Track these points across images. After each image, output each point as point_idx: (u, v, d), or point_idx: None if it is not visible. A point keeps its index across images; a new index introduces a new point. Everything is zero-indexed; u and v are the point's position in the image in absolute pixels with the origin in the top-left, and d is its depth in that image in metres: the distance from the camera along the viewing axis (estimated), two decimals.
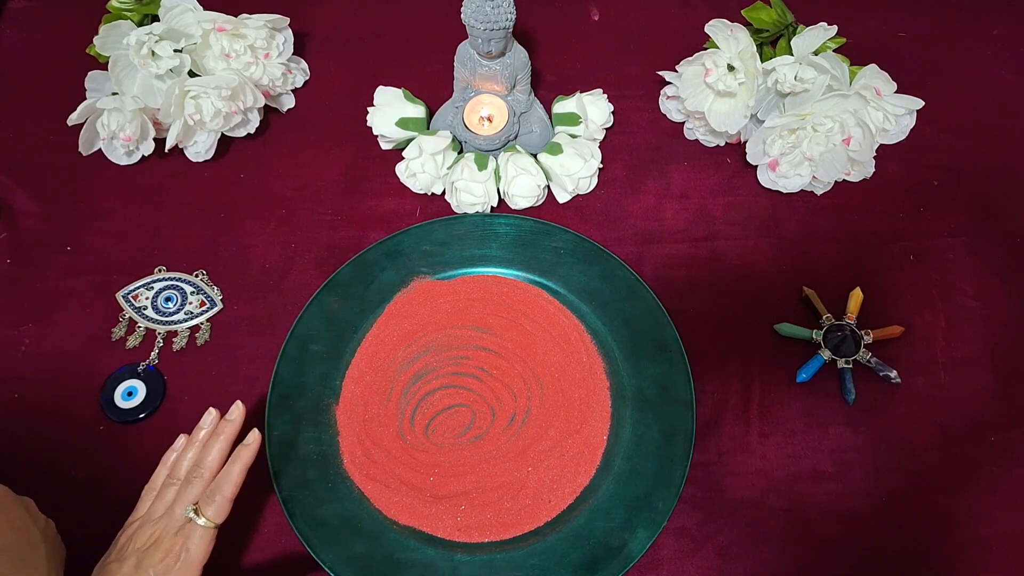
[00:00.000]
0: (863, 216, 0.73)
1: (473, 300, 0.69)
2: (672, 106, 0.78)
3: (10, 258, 0.72)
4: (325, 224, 0.74)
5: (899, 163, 0.75)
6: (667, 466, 0.62)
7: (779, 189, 0.73)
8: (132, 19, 0.75)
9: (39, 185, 0.76)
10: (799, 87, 0.67)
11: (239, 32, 0.73)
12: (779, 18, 0.75)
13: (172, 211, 0.75)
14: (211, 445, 0.56)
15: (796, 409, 0.65)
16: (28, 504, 0.55)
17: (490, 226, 0.71)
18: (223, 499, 0.54)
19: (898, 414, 0.65)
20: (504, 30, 0.66)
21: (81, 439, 0.65)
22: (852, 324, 0.67)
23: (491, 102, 0.73)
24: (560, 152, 0.72)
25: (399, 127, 0.74)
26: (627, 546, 0.59)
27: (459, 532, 0.61)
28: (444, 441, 0.64)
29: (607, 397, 0.65)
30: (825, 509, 0.62)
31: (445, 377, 0.66)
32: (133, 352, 0.68)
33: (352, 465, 0.63)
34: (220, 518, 0.54)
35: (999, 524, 0.61)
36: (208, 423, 0.59)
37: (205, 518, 0.53)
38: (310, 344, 0.67)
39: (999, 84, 0.80)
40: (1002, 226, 0.72)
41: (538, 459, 0.63)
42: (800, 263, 0.71)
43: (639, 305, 0.67)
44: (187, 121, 0.71)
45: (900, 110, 0.72)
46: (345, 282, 0.69)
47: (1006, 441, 0.64)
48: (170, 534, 0.53)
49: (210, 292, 0.70)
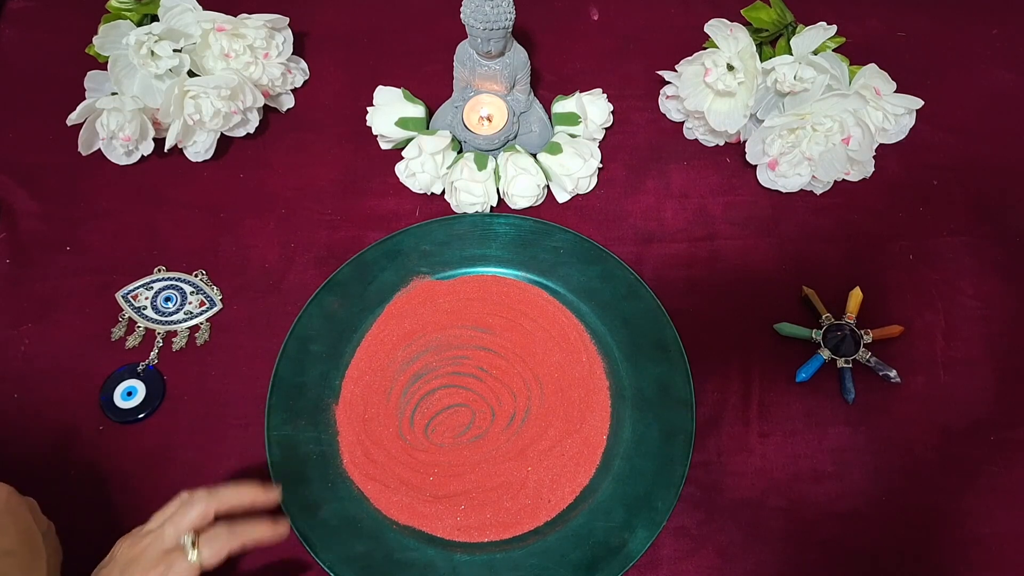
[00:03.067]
0: (863, 216, 0.73)
1: (473, 300, 0.69)
2: (672, 106, 0.78)
3: (10, 258, 0.72)
4: (325, 224, 0.74)
5: (899, 163, 0.75)
6: (667, 466, 0.62)
7: (779, 189, 0.73)
8: (132, 19, 0.75)
9: (39, 185, 0.76)
10: (799, 87, 0.67)
11: (238, 32, 0.73)
12: (779, 18, 0.75)
13: (172, 211, 0.75)
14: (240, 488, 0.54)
15: (796, 409, 0.65)
16: (33, 506, 0.54)
17: (490, 226, 0.71)
18: (226, 546, 0.51)
19: (898, 414, 0.65)
20: (504, 30, 0.66)
21: (81, 439, 0.65)
22: (852, 324, 0.67)
23: (491, 102, 0.73)
24: (560, 152, 0.72)
25: (399, 127, 0.74)
26: (627, 546, 0.59)
27: (459, 532, 0.61)
28: (444, 441, 0.64)
29: (607, 397, 0.65)
30: (825, 509, 0.62)
31: (445, 377, 0.66)
32: (133, 352, 0.68)
33: (352, 465, 0.63)
34: (212, 562, 0.50)
35: (999, 524, 0.61)
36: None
37: (198, 554, 0.50)
38: (310, 344, 0.67)
39: (999, 84, 0.80)
40: (1002, 226, 0.72)
41: (538, 459, 0.63)
42: (800, 263, 0.71)
43: (639, 305, 0.67)
44: (187, 121, 0.71)
45: (900, 110, 0.72)
46: (345, 282, 0.69)
47: (1006, 441, 0.64)
48: (154, 553, 0.50)
49: (210, 292, 0.70)
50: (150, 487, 0.63)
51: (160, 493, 0.62)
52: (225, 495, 0.53)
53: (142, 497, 0.62)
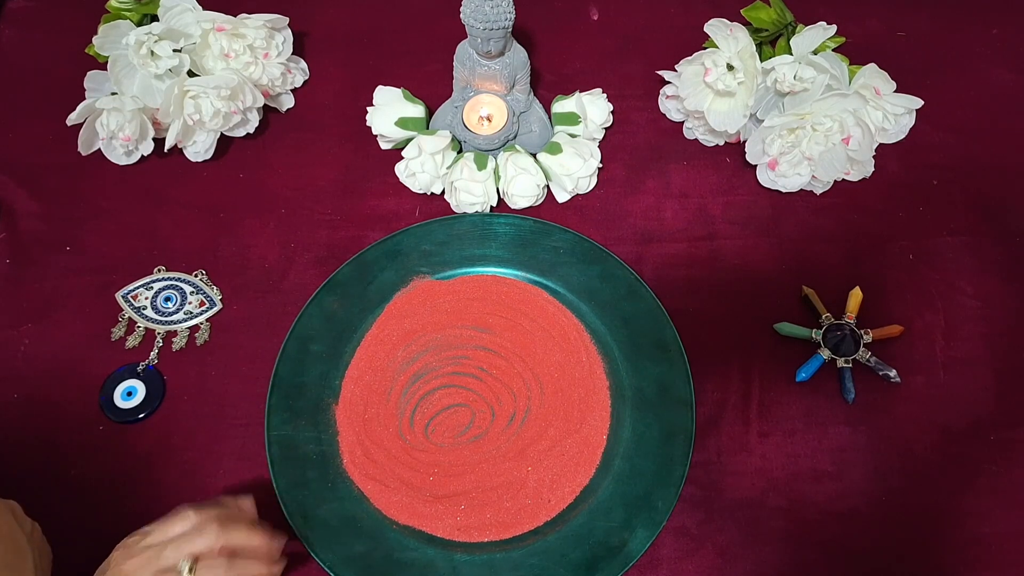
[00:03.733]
0: (863, 216, 0.73)
1: (473, 300, 0.69)
2: (671, 105, 0.78)
3: (10, 258, 0.72)
4: (325, 224, 0.74)
5: (899, 163, 0.75)
6: (667, 465, 0.62)
7: (779, 188, 0.73)
8: (131, 19, 0.75)
9: (39, 185, 0.76)
10: (798, 86, 0.67)
11: (238, 32, 0.73)
12: (778, 17, 0.75)
13: (172, 211, 0.75)
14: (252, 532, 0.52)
15: (796, 408, 0.65)
16: (14, 508, 0.54)
17: (489, 226, 0.71)
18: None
19: (898, 414, 0.65)
20: (503, 30, 0.66)
21: (81, 439, 0.65)
22: (852, 323, 0.67)
23: (490, 102, 0.73)
24: (559, 152, 0.72)
25: (398, 127, 0.74)
26: (627, 545, 0.59)
27: (459, 532, 0.61)
28: (444, 441, 0.64)
29: (607, 396, 0.65)
30: (825, 508, 0.62)
31: (445, 377, 0.66)
32: (133, 352, 0.68)
33: (352, 465, 0.63)
34: None
35: (999, 524, 0.61)
36: None
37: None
38: (310, 344, 0.67)
39: (999, 84, 0.80)
40: (1002, 226, 0.72)
41: (538, 459, 0.63)
42: (800, 262, 0.71)
43: (639, 305, 0.67)
44: (186, 121, 0.71)
45: (899, 109, 0.72)
46: (345, 282, 0.69)
47: (1006, 441, 0.64)
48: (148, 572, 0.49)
49: (210, 292, 0.70)
50: (150, 487, 0.63)
51: (160, 493, 0.62)
52: (236, 536, 0.51)
53: (142, 497, 0.62)
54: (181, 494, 0.62)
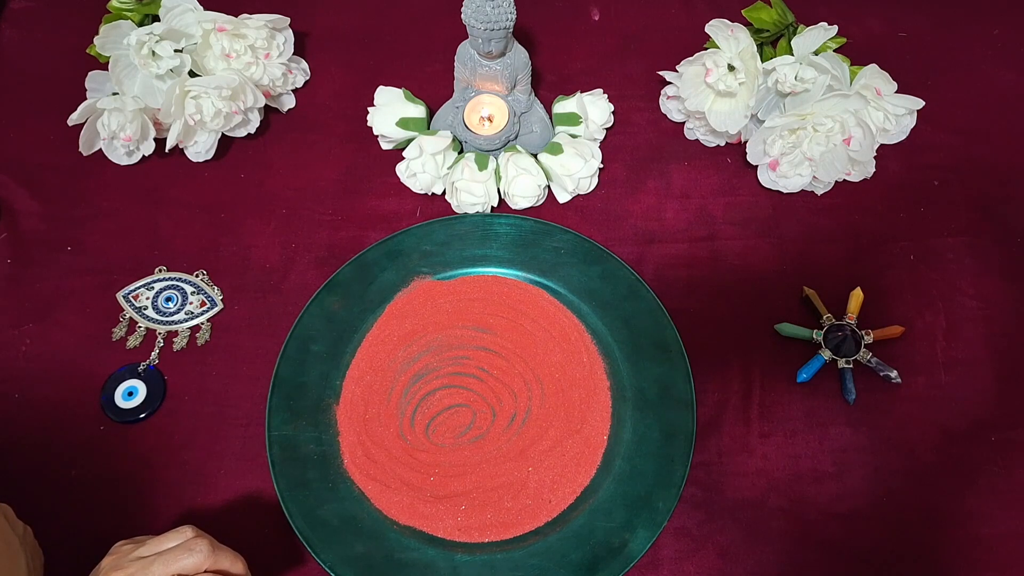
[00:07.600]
0: (863, 216, 0.73)
1: (473, 300, 0.69)
2: (672, 106, 0.78)
3: (10, 258, 0.72)
4: (325, 224, 0.74)
5: (899, 163, 0.75)
6: (667, 466, 0.62)
7: (779, 189, 0.73)
8: (132, 19, 0.75)
9: (39, 185, 0.76)
10: (799, 87, 0.67)
11: (239, 32, 0.73)
12: (779, 18, 0.75)
13: (172, 211, 0.75)
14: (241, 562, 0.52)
15: (796, 409, 0.65)
16: (7, 511, 0.54)
17: (490, 226, 0.71)
18: None
19: (898, 414, 0.65)
20: (504, 30, 0.66)
21: (81, 439, 0.65)
22: (852, 324, 0.67)
23: (491, 102, 0.73)
24: (560, 152, 0.72)
25: (399, 127, 0.74)
26: (627, 546, 0.59)
27: (459, 532, 0.61)
28: (444, 441, 0.64)
29: (607, 397, 0.65)
30: (825, 509, 0.62)
31: (445, 377, 0.66)
32: (133, 352, 0.68)
33: (352, 465, 0.63)
34: None
35: (999, 524, 0.61)
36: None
37: None
38: (310, 344, 0.67)
39: (1000, 84, 0.80)
40: (1002, 226, 0.72)
41: (538, 459, 0.63)
42: (800, 263, 0.71)
43: (639, 305, 0.67)
44: (187, 121, 0.71)
45: (900, 110, 0.72)
46: (345, 282, 0.69)
47: (1006, 441, 0.64)
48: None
49: (210, 292, 0.70)
50: (150, 487, 0.63)
51: (161, 493, 0.63)
52: (224, 560, 0.51)
53: (142, 497, 0.62)
54: (182, 494, 0.62)
